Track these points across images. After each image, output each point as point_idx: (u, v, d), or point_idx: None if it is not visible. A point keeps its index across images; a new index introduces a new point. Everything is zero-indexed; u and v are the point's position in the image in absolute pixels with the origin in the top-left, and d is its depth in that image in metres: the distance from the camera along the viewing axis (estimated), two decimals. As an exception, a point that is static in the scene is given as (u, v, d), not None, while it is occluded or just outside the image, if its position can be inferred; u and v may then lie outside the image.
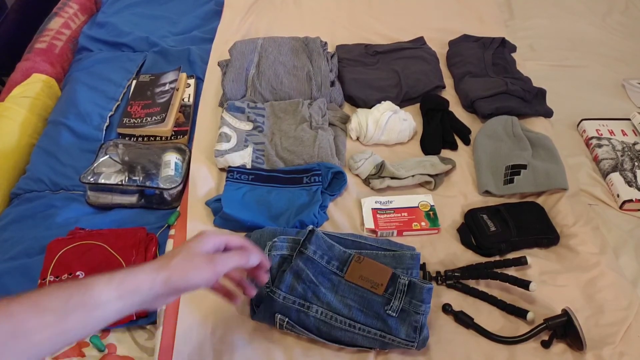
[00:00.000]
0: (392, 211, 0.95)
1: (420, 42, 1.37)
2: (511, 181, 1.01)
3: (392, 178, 1.01)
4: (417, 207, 0.96)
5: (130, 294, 0.54)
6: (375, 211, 0.95)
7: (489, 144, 1.09)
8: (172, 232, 0.95)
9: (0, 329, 0.47)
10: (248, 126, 1.10)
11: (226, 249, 0.63)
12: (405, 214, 0.95)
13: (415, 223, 0.94)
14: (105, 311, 0.53)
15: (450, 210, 0.99)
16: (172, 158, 1.05)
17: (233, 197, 0.97)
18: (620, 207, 1.03)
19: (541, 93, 1.20)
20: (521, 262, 0.87)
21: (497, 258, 0.91)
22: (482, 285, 0.87)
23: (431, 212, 0.96)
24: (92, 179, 1.03)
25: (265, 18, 1.46)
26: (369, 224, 0.94)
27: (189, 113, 1.21)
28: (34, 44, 1.40)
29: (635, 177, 1.05)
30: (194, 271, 0.57)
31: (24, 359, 0.48)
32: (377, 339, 0.76)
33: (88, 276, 0.53)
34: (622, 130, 1.16)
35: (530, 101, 1.18)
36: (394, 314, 0.76)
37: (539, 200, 1.01)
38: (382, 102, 1.14)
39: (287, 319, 0.77)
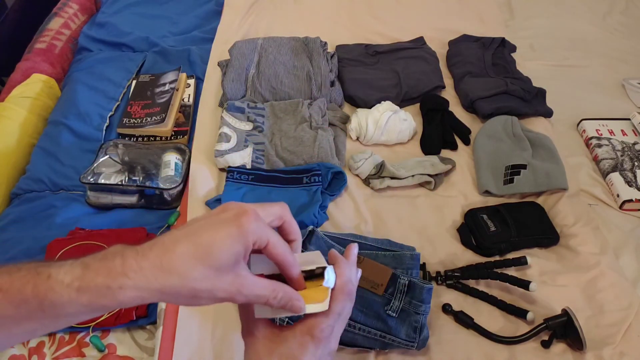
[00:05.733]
0: None
1: (420, 42, 1.37)
2: (511, 181, 1.01)
3: (392, 178, 1.01)
4: None
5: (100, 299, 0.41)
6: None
7: (489, 144, 1.09)
8: (172, 232, 0.95)
9: None
10: (248, 126, 1.10)
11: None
12: None
13: None
14: (73, 318, 0.42)
15: (450, 210, 0.99)
16: (172, 158, 1.05)
17: (233, 197, 0.97)
18: (620, 207, 1.03)
19: (541, 93, 1.20)
20: (521, 262, 0.87)
21: (497, 258, 0.91)
22: (482, 285, 0.87)
23: None
24: (92, 179, 1.03)
25: (265, 18, 1.46)
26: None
27: (189, 113, 1.21)
28: (34, 44, 1.39)
29: (635, 177, 1.05)
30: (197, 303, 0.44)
31: None
32: (377, 339, 0.76)
33: (46, 265, 0.41)
34: (622, 130, 1.16)
35: (530, 101, 1.18)
36: (394, 314, 0.76)
37: (539, 200, 1.01)
38: (382, 102, 1.14)
39: (287, 319, 0.76)
